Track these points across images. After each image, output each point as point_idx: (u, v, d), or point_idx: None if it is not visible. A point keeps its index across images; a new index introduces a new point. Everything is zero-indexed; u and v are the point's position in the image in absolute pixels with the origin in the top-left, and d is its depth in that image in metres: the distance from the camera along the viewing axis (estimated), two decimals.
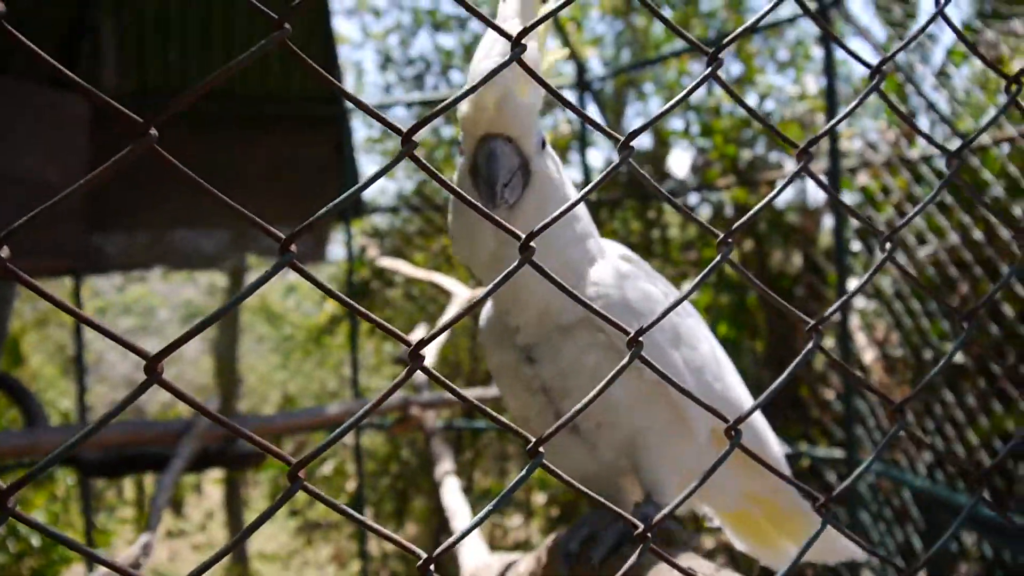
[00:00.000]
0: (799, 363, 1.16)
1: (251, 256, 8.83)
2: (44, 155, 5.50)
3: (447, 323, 1.02)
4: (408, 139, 0.94)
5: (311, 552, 11.47)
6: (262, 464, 8.13)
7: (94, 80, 6.33)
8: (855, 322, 5.87)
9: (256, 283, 0.89)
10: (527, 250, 1.00)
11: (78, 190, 0.80)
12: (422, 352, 0.94)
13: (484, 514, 0.99)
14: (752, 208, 1.19)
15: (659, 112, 1.13)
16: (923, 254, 5.17)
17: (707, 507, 2.10)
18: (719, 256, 1.11)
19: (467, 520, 3.78)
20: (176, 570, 10.93)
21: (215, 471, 9.36)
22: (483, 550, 2.94)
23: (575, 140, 8.19)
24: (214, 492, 14.25)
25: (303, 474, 0.88)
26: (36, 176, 5.35)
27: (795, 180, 1.19)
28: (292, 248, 0.88)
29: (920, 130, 1.35)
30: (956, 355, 4.90)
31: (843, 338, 5.26)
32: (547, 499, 8.19)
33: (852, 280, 5.36)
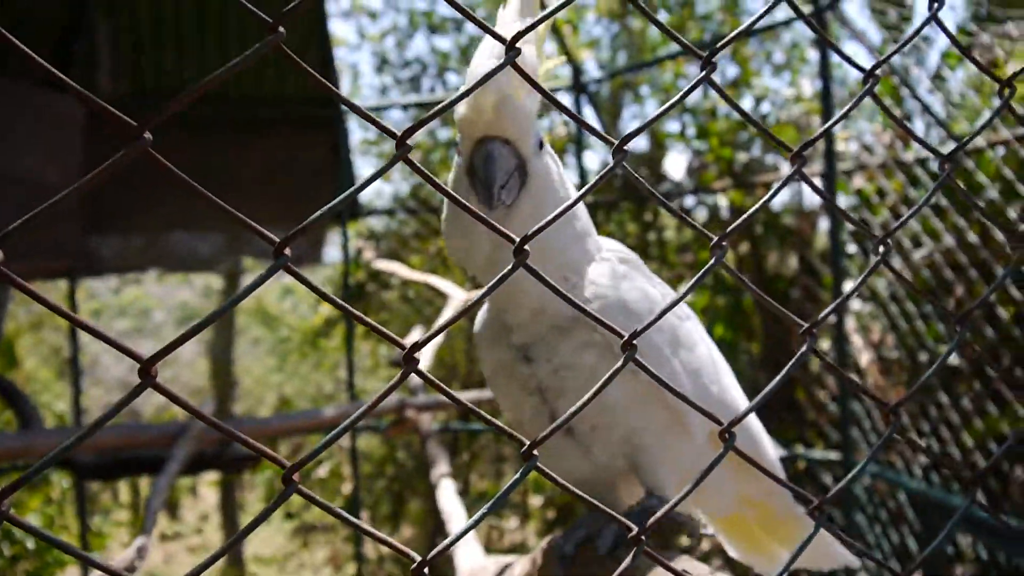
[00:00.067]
0: (792, 366, 1.17)
1: (247, 259, 8.83)
2: (41, 155, 5.49)
3: (442, 326, 1.02)
4: (402, 143, 0.94)
5: (307, 555, 11.45)
6: (258, 467, 8.12)
7: (89, 82, 6.32)
8: (851, 324, 5.88)
9: (250, 287, 0.89)
10: (521, 253, 1.01)
11: (72, 193, 0.80)
12: (416, 355, 0.95)
13: (478, 518, 0.99)
14: (747, 211, 1.19)
15: (653, 116, 1.13)
16: (918, 256, 5.18)
17: (701, 511, 2.09)
18: (713, 259, 1.11)
19: (463, 523, 3.77)
20: (171, 573, 10.90)
21: (211, 474, 9.33)
22: (479, 552, 2.94)
23: (571, 143, 8.20)
24: (210, 495, 14.23)
25: (297, 477, 0.88)
26: (34, 176, 5.35)
27: (790, 183, 1.20)
28: (286, 252, 0.88)
29: (913, 133, 1.35)
30: (951, 357, 4.92)
31: (839, 340, 5.26)
32: (543, 501, 8.18)
33: (848, 282, 5.37)
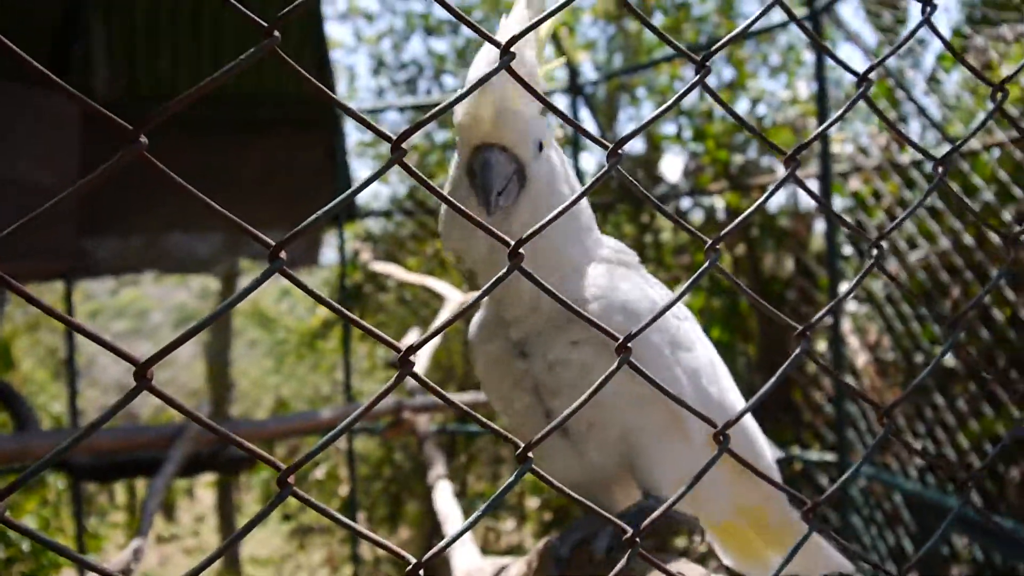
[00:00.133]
0: (786, 369, 1.17)
1: (244, 260, 8.83)
2: (38, 156, 5.48)
3: (438, 328, 1.02)
4: (398, 146, 0.94)
5: (304, 556, 11.42)
6: (255, 468, 8.12)
7: (86, 85, 6.31)
8: (847, 326, 5.88)
9: (246, 290, 0.88)
10: (516, 256, 1.01)
11: (68, 196, 0.80)
12: (412, 358, 0.95)
13: (472, 520, 0.99)
14: (743, 213, 1.19)
15: (647, 120, 1.13)
16: (914, 258, 5.19)
17: (698, 515, 2.07)
18: (707, 262, 1.12)
19: (459, 524, 3.77)
20: (167, 575, 10.88)
21: (207, 475, 9.32)
22: (475, 554, 2.94)
23: (567, 144, 8.21)
24: (206, 496, 14.21)
25: (292, 480, 0.88)
26: (31, 178, 5.34)
27: (785, 185, 1.20)
28: (282, 255, 0.88)
29: (907, 137, 1.36)
30: (948, 359, 4.93)
31: (835, 342, 5.27)
32: (540, 503, 8.18)
33: (844, 284, 5.38)
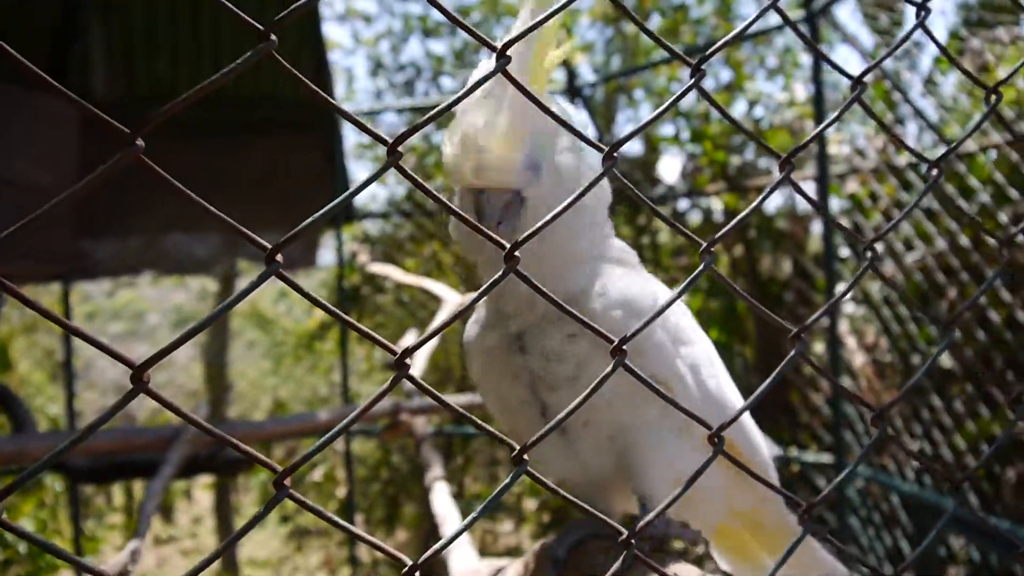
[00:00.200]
0: (780, 371, 1.18)
1: (243, 261, 8.82)
2: (35, 157, 5.47)
3: (435, 330, 1.02)
4: (394, 149, 0.95)
5: (301, 558, 11.41)
6: (252, 470, 8.11)
7: (85, 86, 6.30)
8: (845, 327, 5.89)
9: (242, 293, 0.88)
10: (512, 260, 1.02)
11: (65, 199, 0.80)
12: (408, 360, 0.95)
13: (468, 522, 1.00)
14: (738, 215, 1.20)
15: (643, 123, 1.14)
16: (911, 260, 5.20)
17: (691, 521, 2.02)
18: (702, 265, 1.12)
19: (456, 526, 3.77)
20: None
21: (205, 477, 9.31)
22: (472, 556, 2.94)
23: None
24: (204, 498, 14.18)
25: (288, 482, 0.89)
26: (28, 178, 5.33)
27: (781, 188, 1.21)
28: (278, 258, 0.88)
29: (901, 141, 1.36)
30: (945, 360, 4.93)
31: (833, 343, 5.28)
32: (538, 505, 8.19)
33: (841, 285, 5.39)
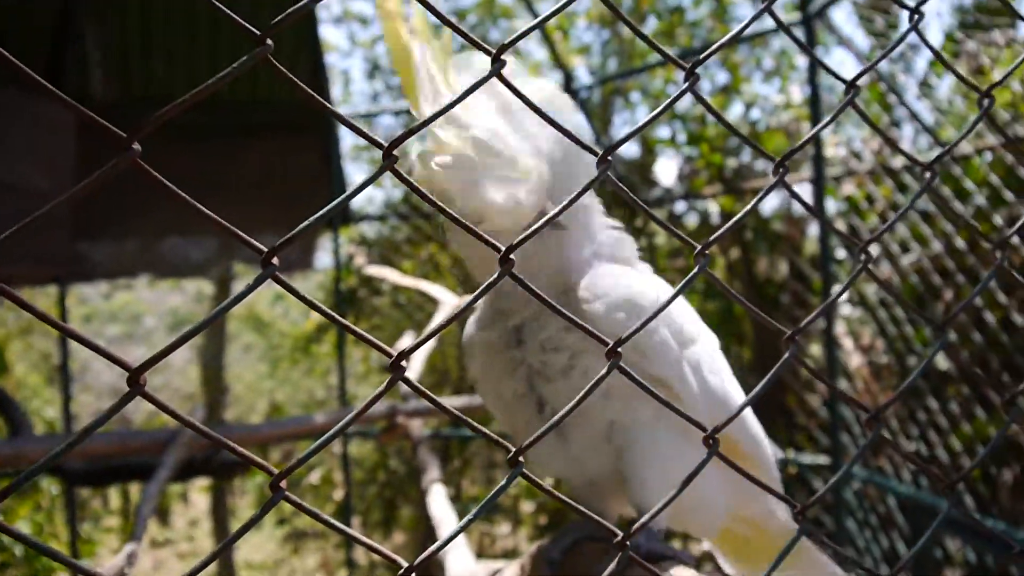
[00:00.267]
0: (774, 374, 1.18)
1: (239, 264, 8.81)
2: (33, 161, 5.46)
3: (431, 332, 1.02)
4: (389, 153, 0.95)
5: (298, 561, 11.40)
6: (249, 473, 8.10)
7: (82, 89, 6.30)
8: (841, 329, 5.90)
9: (238, 296, 0.88)
10: (507, 263, 1.02)
11: (61, 203, 0.80)
12: (403, 363, 0.95)
13: (464, 524, 1.00)
14: (734, 218, 1.20)
15: (638, 126, 1.14)
16: (906, 262, 5.22)
17: (690, 528, 1.95)
18: (696, 268, 1.13)
19: (453, 528, 3.77)
20: None
21: (201, 480, 9.30)
22: (469, 558, 2.94)
23: None
24: (200, 501, 14.15)
25: (284, 484, 0.89)
26: (25, 182, 5.32)
27: (775, 191, 1.21)
28: (274, 261, 0.87)
29: (895, 144, 1.37)
30: (940, 362, 4.93)
31: (829, 345, 5.29)
32: (535, 507, 8.18)
33: (837, 287, 5.39)
